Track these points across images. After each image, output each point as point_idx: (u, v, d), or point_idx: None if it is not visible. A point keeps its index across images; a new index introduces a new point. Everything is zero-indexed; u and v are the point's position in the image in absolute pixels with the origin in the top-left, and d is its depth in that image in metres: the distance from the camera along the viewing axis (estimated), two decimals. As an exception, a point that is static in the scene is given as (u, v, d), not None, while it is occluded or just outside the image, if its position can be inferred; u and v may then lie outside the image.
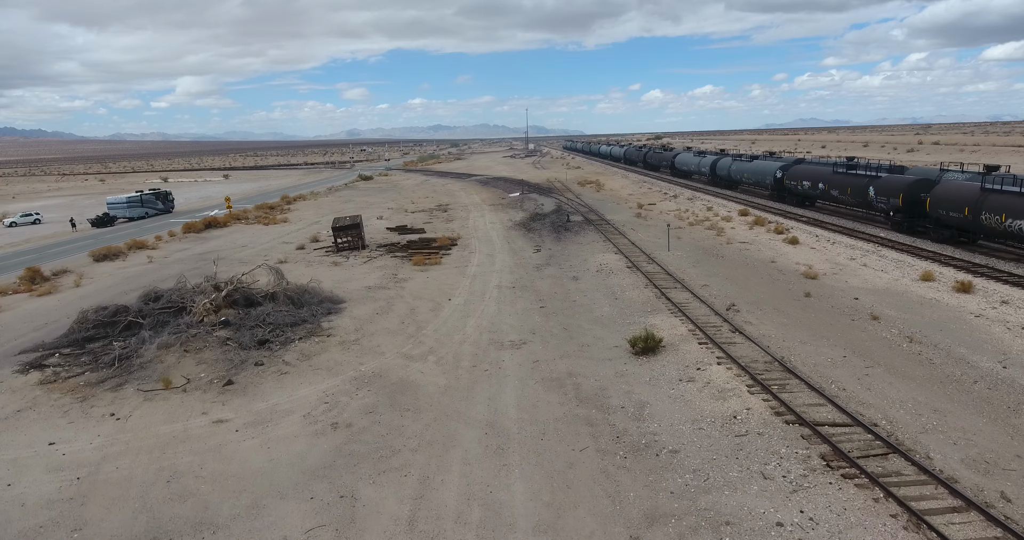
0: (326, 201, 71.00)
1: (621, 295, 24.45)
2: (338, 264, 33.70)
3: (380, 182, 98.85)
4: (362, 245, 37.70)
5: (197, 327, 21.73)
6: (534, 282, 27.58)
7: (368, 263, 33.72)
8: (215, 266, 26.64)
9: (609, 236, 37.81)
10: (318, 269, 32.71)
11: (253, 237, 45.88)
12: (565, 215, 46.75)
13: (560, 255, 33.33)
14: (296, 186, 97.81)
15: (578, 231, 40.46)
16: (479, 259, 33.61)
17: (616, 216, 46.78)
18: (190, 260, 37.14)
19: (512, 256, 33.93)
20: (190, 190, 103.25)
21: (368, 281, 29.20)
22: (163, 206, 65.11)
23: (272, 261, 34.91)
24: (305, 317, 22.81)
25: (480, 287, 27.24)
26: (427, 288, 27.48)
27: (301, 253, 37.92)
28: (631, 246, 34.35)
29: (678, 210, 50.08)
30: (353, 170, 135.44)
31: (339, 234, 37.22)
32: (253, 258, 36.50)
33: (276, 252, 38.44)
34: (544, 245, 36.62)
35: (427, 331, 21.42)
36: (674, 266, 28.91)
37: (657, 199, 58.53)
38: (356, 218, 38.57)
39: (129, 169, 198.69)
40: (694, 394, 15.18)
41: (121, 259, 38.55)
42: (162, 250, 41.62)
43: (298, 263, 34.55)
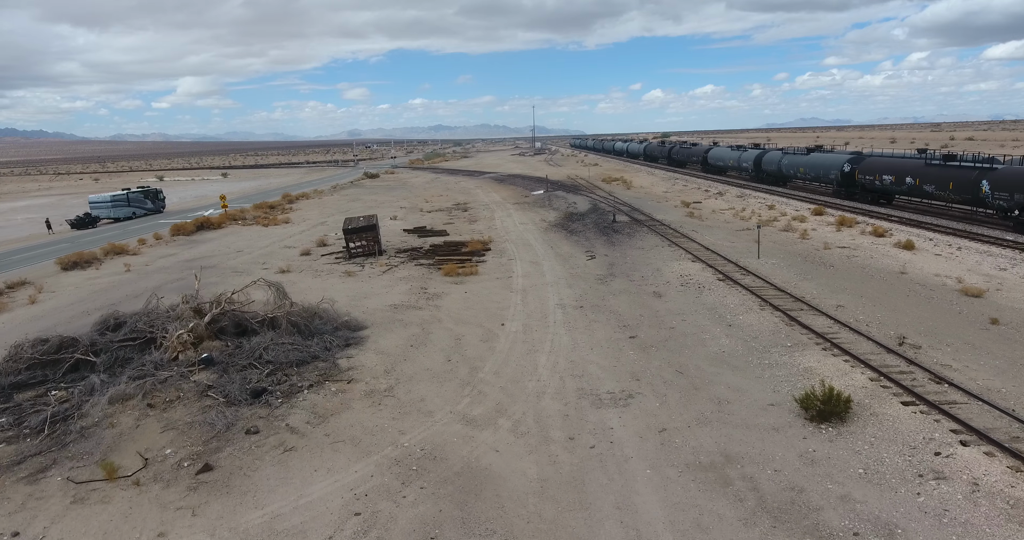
0: (331, 200, 65.12)
1: (734, 320, 18.51)
2: (352, 274, 27.79)
3: (387, 180, 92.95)
4: (379, 250, 31.79)
5: (169, 367, 15.84)
6: (605, 300, 21.66)
7: (388, 273, 27.81)
8: (197, 280, 20.68)
9: (672, 239, 31.87)
10: (328, 281, 26.80)
11: (250, 240, 39.99)
12: (610, 214, 40.82)
13: (622, 263, 27.40)
14: (298, 184, 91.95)
15: (631, 233, 34.52)
16: (523, 268, 27.69)
17: (665, 215, 40.86)
18: (175, 269, 31.24)
19: (562, 264, 28.01)
20: (186, 189, 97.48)
21: (392, 297, 23.29)
22: (152, 205, 59.25)
23: (272, 271, 29.05)
24: (316, 352, 16.89)
25: (537, 306, 21.33)
26: (469, 308, 21.57)
27: (306, 260, 32.03)
28: (706, 251, 28.41)
29: (732, 209, 44.13)
30: (358, 168, 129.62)
31: (352, 237, 31.32)
32: (250, 267, 30.61)
33: (277, 259, 32.55)
34: (596, 250, 30.68)
35: (485, 374, 15.51)
36: (779, 278, 22.97)
37: (700, 197, 52.58)
38: (371, 219, 32.68)
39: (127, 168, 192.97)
40: (968, 509, 9.22)
41: (94, 267, 32.64)
42: (144, 256, 35.72)
43: (303, 273, 28.63)
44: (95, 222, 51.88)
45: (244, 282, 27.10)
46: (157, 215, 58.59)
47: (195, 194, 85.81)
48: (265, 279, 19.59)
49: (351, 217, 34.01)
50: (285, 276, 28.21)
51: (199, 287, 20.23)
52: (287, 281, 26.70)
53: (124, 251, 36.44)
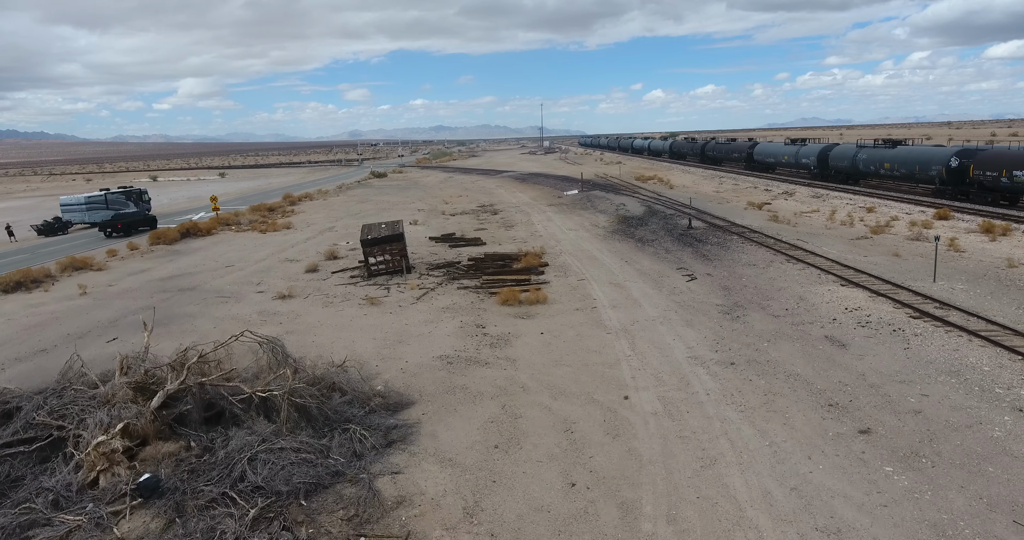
0: (338, 201, 58.15)
1: (1017, 399, 11.43)
2: (376, 302, 20.75)
3: (397, 179, 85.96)
4: (406, 266, 24.77)
5: (77, 503, 8.87)
6: (760, 350, 14.62)
7: (425, 299, 20.78)
8: (147, 332, 13.53)
9: (783, 251, 24.81)
10: (345, 312, 19.78)
11: (244, 251, 33.01)
12: (678, 218, 33.78)
13: (740, 286, 20.35)
14: (300, 184, 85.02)
15: (720, 243, 27.43)
16: (605, 292, 20.66)
17: (743, 219, 33.81)
18: (144, 291, 24.24)
19: (656, 287, 20.95)
20: (179, 189, 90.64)
21: (440, 342, 16.28)
22: (136, 208, 52.19)
23: (270, 295, 22.07)
24: (339, 463, 9.91)
25: (660, 360, 14.30)
26: (558, 361, 14.55)
27: (313, 279, 25.03)
28: (847, 270, 21.35)
29: (816, 211, 37.09)
30: (363, 167, 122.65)
31: (372, 250, 24.30)
32: (241, 289, 23.60)
33: (276, 277, 25.56)
34: (690, 266, 23.63)
35: (650, 524, 8.48)
36: (1005, 316, 15.88)
37: (764, 197, 45.53)
38: (396, 226, 25.62)
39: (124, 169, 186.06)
40: None
41: (42, 289, 25.62)
42: (110, 272, 28.72)
43: (311, 299, 21.62)
44: (66, 228, 44.94)
45: (232, 311, 20.17)
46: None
47: (188, 195, 78.91)
48: (254, 334, 12.51)
49: (370, 224, 26.97)
50: (286, 304, 21.19)
51: (148, 340, 13.11)
52: (288, 312, 19.70)
53: (87, 266, 29.42)
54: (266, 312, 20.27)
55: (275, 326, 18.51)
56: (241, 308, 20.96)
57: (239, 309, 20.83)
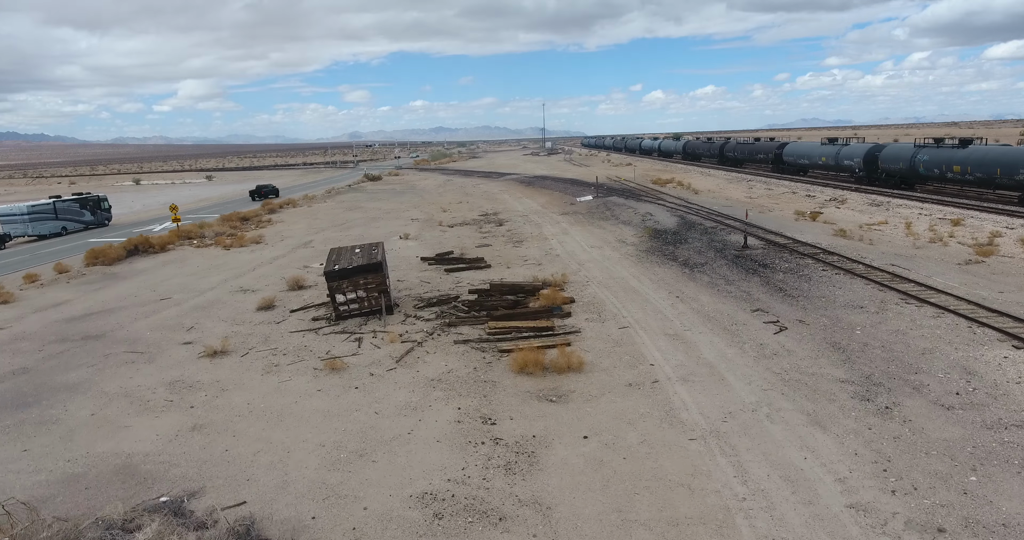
0: (324, 208, 52.07)
1: None
2: (338, 367, 14.58)
3: (392, 182, 79.92)
4: (387, 304, 18.61)
5: None
6: (975, 497, 8.50)
7: (407, 363, 14.64)
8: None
9: (891, 286, 18.60)
10: (290, 386, 13.63)
11: (194, 275, 26.92)
12: (725, 233, 27.65)
13: (859, 346, 14.17)
14: (289, 187, 78.97)
15: (794, 270, 21.24)
16: (663, 352, 14.51)
17: (802, 234, 27.67)
18: (38, 339, 18.10)
19: (736, 344, 14.78)
20: (159, 193, 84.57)
21: (422, 459, 10.17)
22: (92, 218, 46.19)
23: (198, 348, 16.00)
24: None
25: (807, 520, 8.18)
26: (625, 518, 8.43)
27: (264, 321, 18.92)
28: (1005, 318, 15.18)
29: (885, 222, 30.98)
30: (358, 170, 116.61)
31: (342, 285, 18.10)
32: (164, 339, 17.46)
33: (216, 318, 19.44)
34: (768, 306, 17.47)
35: None
36: None
37: (810, 205, 39.44)
38: (374, 252, 19.43)
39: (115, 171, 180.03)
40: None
41: (-92, 334, 19.52)
42: (15, 307, 22.59)
43: (248, 360, 15.45)
44: (2, 242, 38.85)
45: (133, 382, 14.09)
46: (101, 229, 45.65)
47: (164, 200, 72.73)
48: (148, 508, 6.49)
49: (340, 248, 20.74)
50: (214, 367, 15.08)
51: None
52: (210, 385, 13.65)
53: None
54: (178, 384, 14.13)
55: (178, 414, 12.41)
56: (148, 375, 14.84)
57: (145, 377, 14.70)
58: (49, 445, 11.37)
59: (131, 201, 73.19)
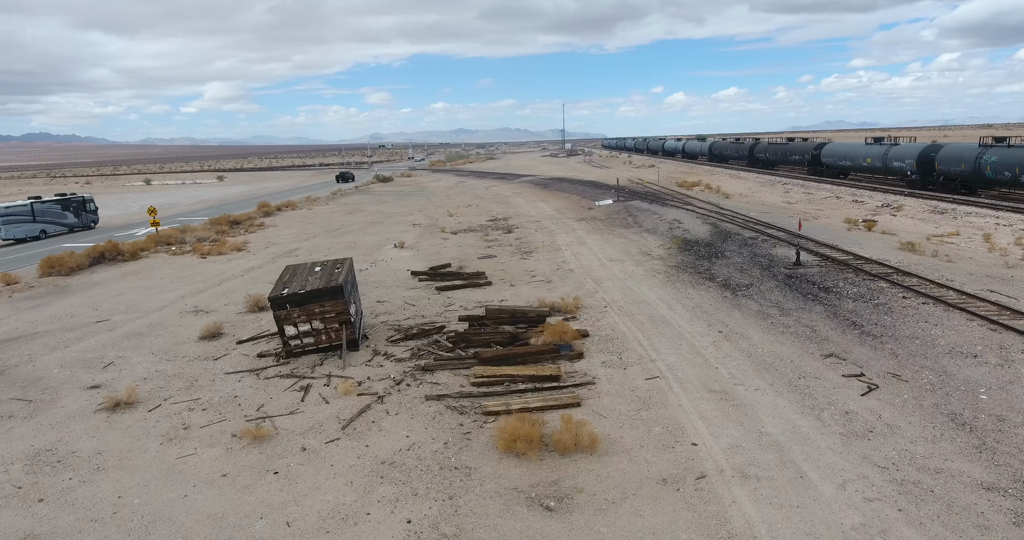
0: (323, 212, 48.62)
1: None
2: (263, 436, 10.66)
3: (402, 184, 76.48)
4: (351, 339, 14.73)
5: None
6: None
7: (356, 431, 10.74)
8: None
9: (1004, 323, 14.25)
10: (187, 469, 9.76)
11: (153, 289, 23.40)
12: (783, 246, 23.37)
13: (993, 424, 9.98)
14: (295, 189, 75.96)
15: (867, 297, 16.91)
16: (709, 423, 10.45)
17: (864, 248, 23.29)
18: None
19: (812, 413, 10.65)
20: (165, 195, 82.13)
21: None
22: (76, 220, 43.21)
23: (96, 401, 12.21)
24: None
25: None
26: None
27: (199, 357, 15.19)
28: None
29: (956, 234, 26.44)
30: (372, 170, 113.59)
31: (293, 314, 14.28)
32: (66, 379, 13.75)
33: (146, 350, 15.72)
34: (842, 348, 13.27)
35: None
36: None
37: (859, 211, 34.89)
38: (337, 271, 15.54)
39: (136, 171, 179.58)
40: None
41: None
42: (-73, 329, 19.22)
43: (154, 417, 11.61)
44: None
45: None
46: (85, 232, 42.67)
47: (165, 202, 70.08)
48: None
49: (296, 265, 16.86)
50: (106, 428, 11.33)
51: None
52: (85, 461, 9.88)
53: (-96, 316, 20.00)
54: (47, 456, 10.40)
55: (13, 513, 8.65)
56: (18, 438, 11.14)
57: (10, 442, 11.01)
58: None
59: (132, 202, 70.74)
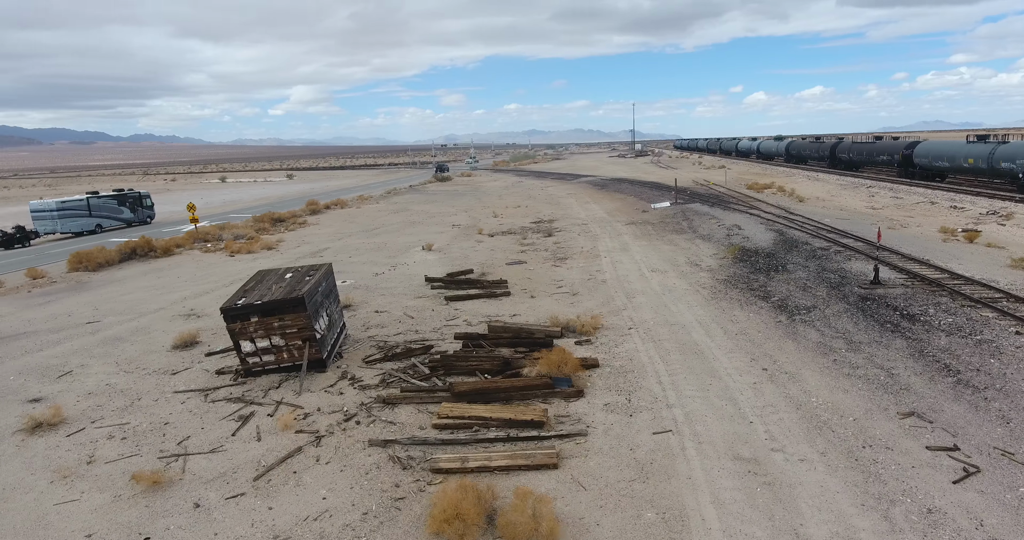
0: (370, 210, 47.66)
1: None
2: (162, 482, 8.72)
3: (459, 183, 75.20)
4: (315, 358, 12.68)
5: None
6: None
7: (272, 489, 8.58)
8: None
9: None
10: (47, 532, 7.94)
11: (162, 289, 22.44)
12: (858, 260, 19.62)
13: None
14: (353, 188, 76.27)
15: (961, 328, 13.23)
16: (722, 503, 7.60)
17: (964, 265, 19.15)
18: None
19: (869, 500, 7.61)
20: (231, 191, 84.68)
21: None
22: (132, 215, 44.18)
23: (16, 424, 10.56)
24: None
25: None
26: None
27: (161, 369, 13.58)
28: None
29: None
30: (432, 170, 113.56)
31: (248, 328, 12.39)
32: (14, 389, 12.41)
33: (114, 359, 14.25)
34: (929, 406, 9.97)
35: None
36: None
37: (959, 219, 29.92)
38: (307, 278, 13.54)
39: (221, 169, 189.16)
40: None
41: None
42: (-72, 324, 18.83)
43: (58, 453, 9.88)
44: (27, 239, 37.01)
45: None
46: (143, 227, 43.54)
47: (231, 198, 71.82)
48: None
49: (267, 270, 14.92)
50: (16, 450, 9.71)
51: None
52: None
53: (-85, 310, 19.82)
54: (-85, 493, 8.87)
55: None
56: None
57: None
58: None
59: (199, 198, 72.92)
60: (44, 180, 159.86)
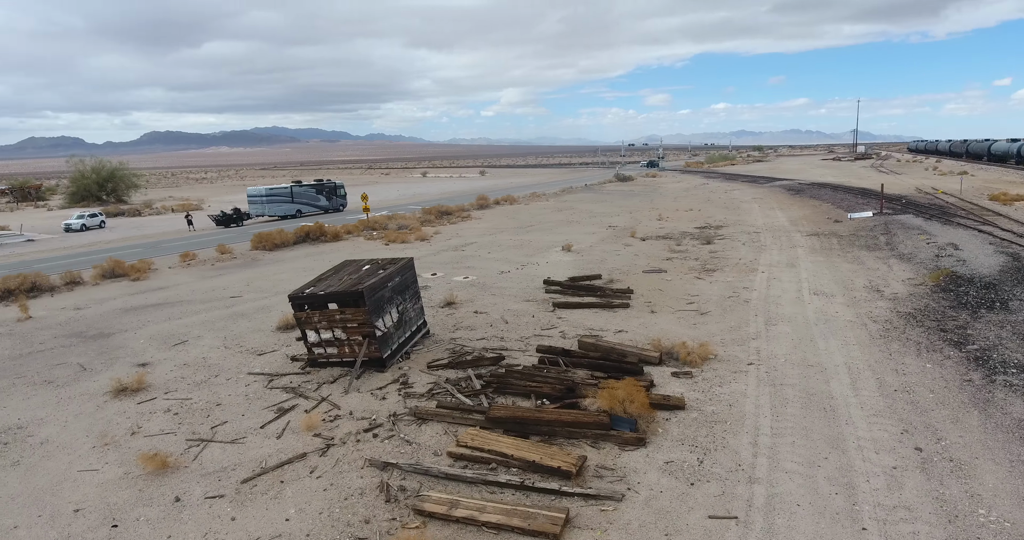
0: (536, 207, 47.44)
1: None
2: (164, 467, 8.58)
3: (639, 184, 72.11)
4: (380, 356, 12.04)
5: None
6: None
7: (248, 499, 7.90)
8: None
9: None
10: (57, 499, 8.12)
11: (312, 270, 24.06)
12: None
13: None
14: (533, 185, 77.29)
15: None
16: None
17: None
18: (58, 333, 16.32)
19: None
20: (426, 184, 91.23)
21: None
22: (327, 203, 49.28)
23: (110, 384, 11.61)
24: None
25: None
26: None
27: (255, 348, 14.10)
28: None
29: None
30: (626, 168, 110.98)
31: (312, 319, 12.14)
32: (137, 351, 13.76)
33: (224, 333, 15.28)
34: None
35: None
36: None
37: None
38: (380, 273, 12.93)
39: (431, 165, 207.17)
40: None
41: (13, 304, 19.83)
42: (118, 288, 22.21)
43: (117, 419, 10.45)
44: (241, 220, 42.98)
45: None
46: (334, 214, 48.44)
47: (419, 190, 77.16)
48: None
49: (350, 261, 14.59)
50: (81, 419, 10.49)
51: None
52: (20, 434, 8.79)
53: (124, 274, 23.63)
54: (12, 430, 9.82)
55: None
56: (12, 406, 10.96)
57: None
58: None
59: (392, 190, 79.59)
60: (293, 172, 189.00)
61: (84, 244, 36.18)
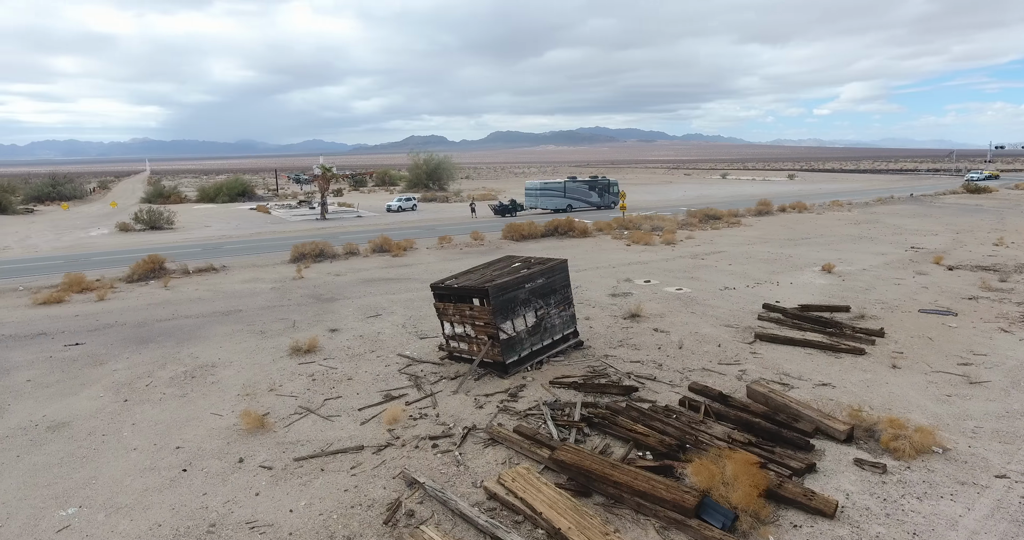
0: (830, 217, 40.24)
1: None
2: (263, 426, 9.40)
3: (997, 197, 55.57)
4: (501, 361, 11.28)
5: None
6: None
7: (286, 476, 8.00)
8: None
9: None
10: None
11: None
12: None
13: None
14: (846, 192, 66.13)
15: None
16: None
17: None
18: (305, 295, 19.58)
19: None
20: (718, 187, 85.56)
21: None
22: (599, 199, 49.69)
23: (288, 346, 13.68)
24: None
25: None
26: None
27: (426, 334, 14.74)
28: None
29: None
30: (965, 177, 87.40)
31: (447, 312, 11.91)
32: (332, 320, 15.90)
33: (418, 313, 16.45)
34: None
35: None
36: None
37: None
38: (526, 272, 11.91)
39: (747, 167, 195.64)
40: None
41: (214, 275, 24.55)
42: (367, 262, 25.62)
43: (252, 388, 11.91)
44: (515, 211, 46.06)
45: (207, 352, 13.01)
46: (605, 211, 48.85)
47: (707, 192, 72.47)
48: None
49: (511, 256, 13.75)
50: (248, 371, 12.36)
51: None
52: (209, 366, 11.13)
53: (392, 250, 27.39)
54: (200, 369, 11.99)
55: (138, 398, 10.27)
56: (214, 347, 13.36)
57: (212, 348, 13.26)
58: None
59: (679, 191, 76.57)
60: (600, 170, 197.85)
61: (392, 223, 43.35)
